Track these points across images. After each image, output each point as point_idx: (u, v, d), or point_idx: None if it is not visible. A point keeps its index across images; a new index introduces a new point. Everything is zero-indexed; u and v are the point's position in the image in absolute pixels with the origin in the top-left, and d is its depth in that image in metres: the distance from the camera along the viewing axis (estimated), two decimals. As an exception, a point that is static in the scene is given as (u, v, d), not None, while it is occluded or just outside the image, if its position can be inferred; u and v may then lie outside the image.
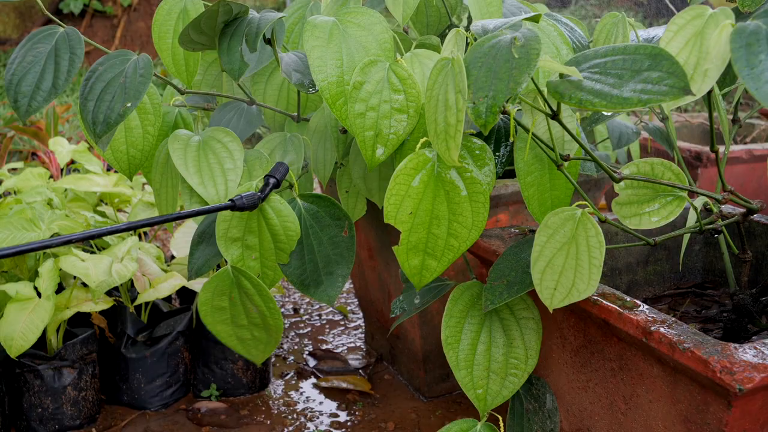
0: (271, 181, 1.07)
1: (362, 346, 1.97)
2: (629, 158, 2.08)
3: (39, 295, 1.45)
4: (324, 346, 1.97)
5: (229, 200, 1.02)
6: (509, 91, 0.76)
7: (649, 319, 0.92)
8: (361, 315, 2.15)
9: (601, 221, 0.98)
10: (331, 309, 2.21)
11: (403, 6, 1.23)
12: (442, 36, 1.48)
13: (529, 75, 0.76)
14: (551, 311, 0.93)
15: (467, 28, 1.47)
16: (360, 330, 2.07)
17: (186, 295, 1.86)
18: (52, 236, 1.49)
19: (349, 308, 2.21)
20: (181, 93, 1.21)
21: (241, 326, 1.00)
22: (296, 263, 1.01)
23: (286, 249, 1.00)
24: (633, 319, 0.93)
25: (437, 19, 1.47)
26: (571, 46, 1.26)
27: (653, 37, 1.38)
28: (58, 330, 1.54)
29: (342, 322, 2.12)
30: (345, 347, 1.97)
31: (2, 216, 1.59)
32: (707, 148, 2.25)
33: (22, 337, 1.36)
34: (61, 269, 1.53)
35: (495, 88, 0.78)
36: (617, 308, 0.95)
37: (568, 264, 0.89)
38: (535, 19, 0.99)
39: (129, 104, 0.93)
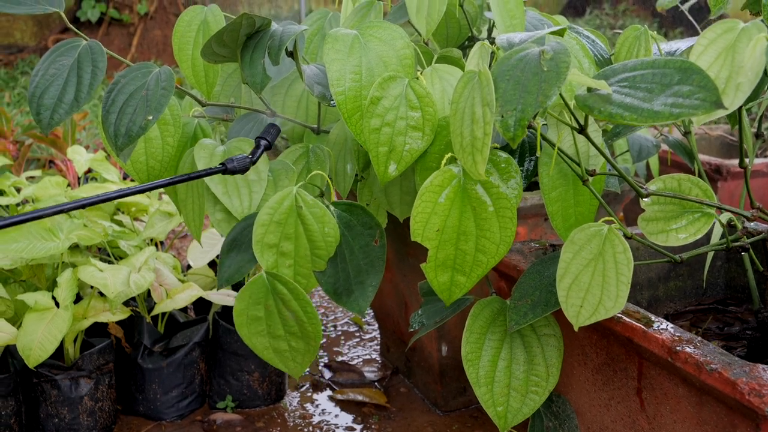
0: (263, 143, 1.06)
1: (378, 358, 1.96)
2: (648, 171, 2.06)
3: (57, 304, 1.45)
4: (339, 358, 1.96)
5: (220, 164, 1.02)
6: (538, 105, 0.76)
7: (675, 338, 0.91)
8: (376, 326, 2.14)
9: (627, 237, 0.96)
10: (346, 320, 2.20)
11: (426, 20, 1.23)
12: (462, 47, 1.47)
13: (559, 88, 0.75)
14: (577, 329, 0.92)
15: (488, 40, 1.47)
16: (375, 342, 2.06)
17: (202, 305, 1.86)
18: (70, 246, 1.49)
19: (364, 319, 2.20)
20: (203, 105, 1.20)
21: (278, 337, 0.99)
22: (330, 271, 1.01)
23: (324, 255, 0.99)
24: (658, 338, 0.91)
25: (457, 31, 1.46)
26: (593, 60, 1.25)
27: (676, 50, 1.37)
28: (75, 340, 1.54)
29: (357, 334, 2.11)
30: (360, 359, 1.96)
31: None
32: (727, 162, 2.23)
33: (40, 348, 1.36)
34: (78, 279, 1.53)
35: (524, 101, 0.77)
36: (642, 326, 0.94)
37: (594, 281, 0.88)
38: (560, 33, 0.99)
39: (151, 117, 0.93)
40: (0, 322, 1.42)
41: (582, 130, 0.88)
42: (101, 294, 1.58)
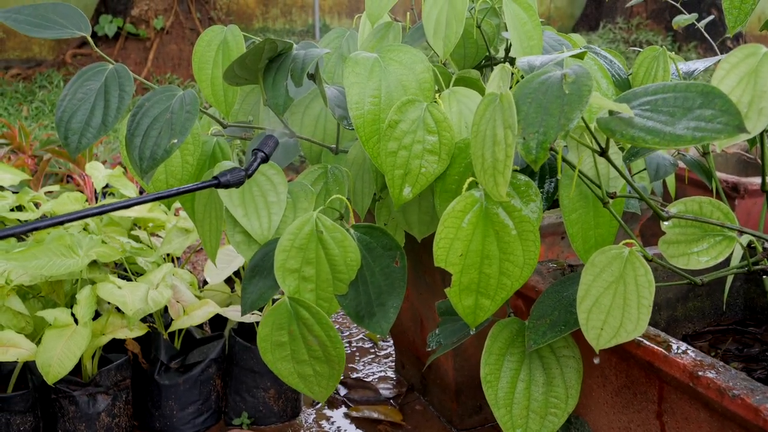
0: (260, 155, 1.07)
1: (392, 375, 1.95)
2: (664, 189, 2.05)
3: (76, 321, 1.46)
4: (354, 375, 1.96)
5: (213, 177, 1.02)
6: (560, 128, 0.76)
7: (697, 362, 0.90)
8: (391, 342, 2.13)
9: (648, 260, 0.96)
10: (361, 336, 2.19)
11: (444, 41, 1.24)
12: (479, 67, 1.48)
13: (581, 111, 0.76)
14: (597, 352, 0.92)
15: (505, 60, 1.47)
16: (390, 358, 2.05)
17: (217, 321, 1.87)
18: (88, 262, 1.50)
19: (378, 335, 2.20)
20: (224, 126, 1.21)
21: (302, 362, 1.00)
22: (352, 294, 1.01)
23: (345, 279, 1.00)
24: (679, 363, 0.91)
25: (474, 51, 1.46)
26: (611, 80, 1.25)
27: (694, 71, 1.37)
28: (93, 356, 1.55)
29: (372, 350, 2.11)
30: (376, 376, 1.95)
31: (40, 241, 1.61)
32: (744, 179, 2.21)
33: (59, 364, 1.37)
34: (97, 295, 1.54)
35: (546, 124, 0.77)
36: (663, 351, 0.93)
37: (615, 303, 0.88)
38: (580, 56, 0.99)
39: (175, 140, 0.94)
40: (19, 338, 1.43)
41: (603, 152, 0.88)
42: (119, 310, 1.59)
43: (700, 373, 0.87)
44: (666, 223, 0.94)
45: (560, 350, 1.06)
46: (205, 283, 1.87)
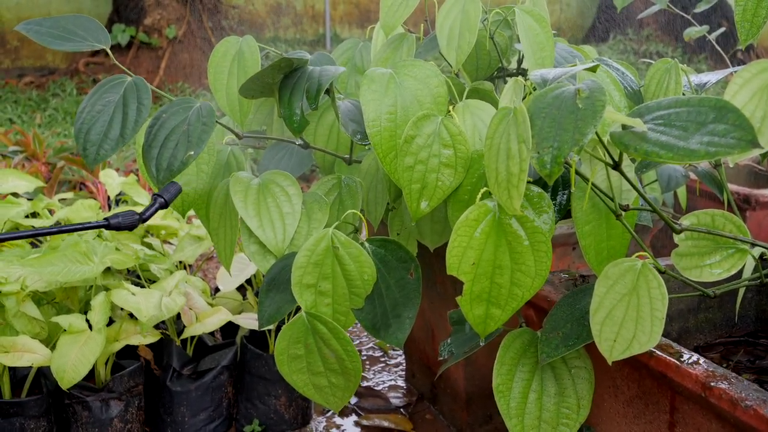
0: (159, 200, 1.08)
1: (403, 384, 1.96)
2: (675, 200, 2.06)
3: (90, 327, 1.47)
4: (365, 383, 1.97)
5: (104, 219, 1.03)
6: (574, 142, 0.77)
7: (709, 373, 0.91)
8: (400, 351, 2.14)
9: (660, 272, 0.97)
10: (371, 344, 2.20)
11: (456, 51, 1.25)
12: (491, 78, 1.49)
13: (595, 127, 0.77)
14: (610, 364, 0.92)
15: (518, 71, 1.48)
16: (400, 367, 2.06)
17: (228, 329, 1.88)
18: (104, 269, 1.51)
19: (388, 344, 2.21)
20: (239, 138, 1.23)
21: (318, 374, 1.01)
22: (368, 307, 1.02)
23: (361, 294, 1.01)
24: (692, 374, 0.91)
25: (487, 62, 1.48)
26: (623, 92, 1.26)
27: (706, 83, 1.38)
28: (106, 362, 1.57)
29: (382, 359, 2.12)
30: (386, 384, 1.96)
31: (55, 248, 1.63)
32: (756, 191, 2.21)
33: (74, 369, 1.38)
34: (111, 302, 1.55)
35: (560, 138, 0.78)
36: (675, 361, 0.94)
37: (628, 315, 0.88)
38: (593, 69, 1.00)
39: (192, 152, 0.95)
40: (35, 343, 1.45)
41: (617, 166, 0.89)
42: (132, 317, 1.60)
43: (712, 384, 0.88)
44: (681, 236, 0.94)
45: (572, 361, 1.06)
46: (217, 290, 1.88)
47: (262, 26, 7.47)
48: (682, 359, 0.94)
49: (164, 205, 1.08)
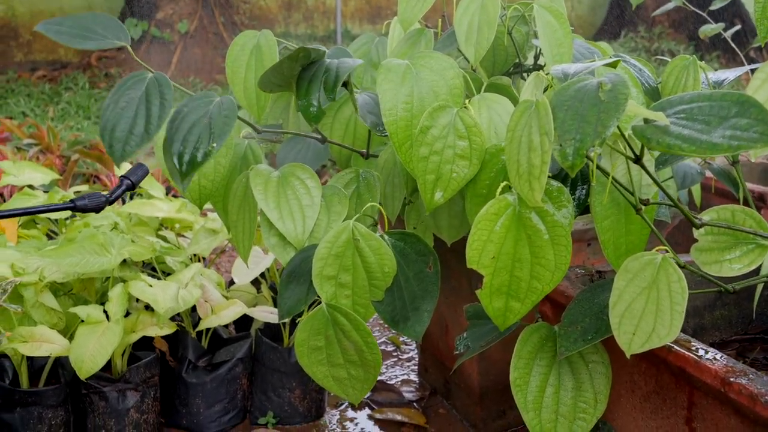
0: (126, 182, 1.09)
1: (415, 379, 1.97)
2: (690, 197, 2.05)
3: (107, 318, 1.49)
4: (378, 377, 1.97)
5: (69, 200, 1.04)
6: (597, 135, 0.77)
7: (728, 368, 0.91)
8: (413, 346, 2.15)
9: (680, 266, 0.97)
10: (383, 339, 2.21)
11: (475, 47, 1.25)
12: (507, 74, 1.49)
13: (618, 119, 0.77)
14: (629, 357, 0.93)
15: (534, 67, 1.48)
16: (413, 362, 2.06)
17: (242, 321, 1.89)
18: (121, 261, 1.52)
19: (401, 339, 2.21)
20: (258, 132, 1.23)
21: (337, 365, 1.02)
22: (387, 300, 1.03)
23: (381, 286, 1.01)
24: (711, 369, 0.91)
25: (504, 58, 1.48)
26: (641, 88, 1.26)
27: (724, 80, 1.38)
28: (123, 353, 1.58)
29: (395, 353, 2.12)
30: (399, 379, 1.97)
31: (72, 239, 1.64)
32: (770, 189, 2.20)
33: (92, 360, 1.40)
34: (128, 293, 1.56)
35: (582, 131, 0.78)
36: (694, 356, 0.94)
37: (648, 309, 0.89)
38: (613, 64, 1.00)
39: (215, 144, 0.96)
40: (52, 333, 1.46)
41: (638, 159, 0.90)
42: (148, 308, 1.61)
43: (731, 379, 0.88)
44: (701, 231, 0.94)
45: (589, 356, 1.07)
46: (232, 283, 1.89)
47: (273, 22, 7.47)
48: (700, 354, 0.94)
49: (131, 187, 1.10)
